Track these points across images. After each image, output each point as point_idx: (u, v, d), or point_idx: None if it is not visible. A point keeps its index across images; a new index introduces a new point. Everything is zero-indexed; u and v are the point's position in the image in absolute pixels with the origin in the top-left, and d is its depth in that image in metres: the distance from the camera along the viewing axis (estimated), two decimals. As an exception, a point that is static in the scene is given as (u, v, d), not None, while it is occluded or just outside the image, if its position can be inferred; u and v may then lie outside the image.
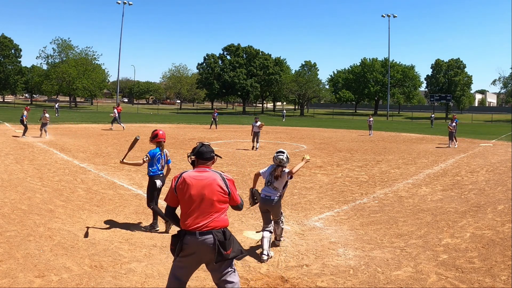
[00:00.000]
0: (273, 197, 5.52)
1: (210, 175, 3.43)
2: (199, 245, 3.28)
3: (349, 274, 4.87)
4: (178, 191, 3.41)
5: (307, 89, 74.03)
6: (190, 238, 3.29)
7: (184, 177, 3.41)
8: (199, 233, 3.28)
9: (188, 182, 3.38)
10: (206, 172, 3.45)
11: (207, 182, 3.38)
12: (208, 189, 3.35)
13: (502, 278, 4.77)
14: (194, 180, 3.38)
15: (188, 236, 3.31)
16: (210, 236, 3.29)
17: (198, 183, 3.37)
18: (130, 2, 62.70)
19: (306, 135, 27.04)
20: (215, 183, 3.38)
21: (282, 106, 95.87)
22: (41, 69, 74.00)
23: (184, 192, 3.38)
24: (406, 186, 10.29)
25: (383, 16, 69.17)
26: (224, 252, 3.28)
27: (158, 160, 6.38)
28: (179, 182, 3.41)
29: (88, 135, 21.68)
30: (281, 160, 5.57)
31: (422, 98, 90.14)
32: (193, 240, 3.28)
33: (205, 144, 3.57)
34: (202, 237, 3.28)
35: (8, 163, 11.91)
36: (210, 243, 3.28)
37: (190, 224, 3.32)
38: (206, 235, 3.29)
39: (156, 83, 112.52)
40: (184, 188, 3.38)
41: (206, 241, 3.28)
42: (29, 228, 6.18)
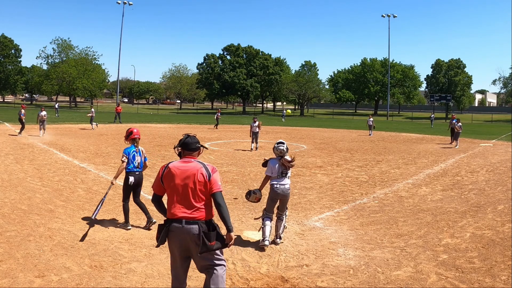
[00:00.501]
0: (287, 186, 5.81)
1: (194, 165, 3.49)
2: (184, 233, 3.35)
3: (349, 274, 4.87)
4: (164, 180, 3.51)
5: (307, 89, 74.02)
6: (176, 226, 3.37)
7: (170, 167, 3.50)
8: (185, 221, 3.36)
9: (172, 172, 3.47)
10: (190, 162, 3.52)
11: (191, 172, 3.44)
12: (191, 178, 3.42)
13: (502, 278, 4.78)
14: (178, 170, 3.46)
15: (174, 223, 3.38)
16: (196, 226, 3.36)
17: (182, 173, 3.44)
18: (130, 2, 62.71)
19: (306, 135, 27.04)
20: (198, 172, 3.43)
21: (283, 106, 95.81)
22: (41, 69, 74.01)
23: (169, 181, 3.47)
24: (406, 186, 10.29)
25: (383, 16, 69.20)
26: (209, 243, 3.32)
27: (133, 157, 6.52)
28: (166, 172, 3.51)
29: (88, 135, 21.68)
30: (282, 150, 5.79)
31: (422, 98, 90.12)
32: (179, 228, 3.35)
33: (190, 136, 3.65)
34: (188, 226, 3.35)
35: (8, 163, 11.91)
36: (195, 233, 3.34)
37: (175, 212, 3.40)
38: (191, 224, 3.36)
39: (156, 83, 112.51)
40: (169, 177, 3.48)
41: (191, 230, 3.34)
42: (29, 228, 6.18)
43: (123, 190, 6.64)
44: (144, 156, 6.70)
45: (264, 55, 79.13)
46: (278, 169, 5.77)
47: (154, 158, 14.21)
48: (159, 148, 17.17)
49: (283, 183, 5.76)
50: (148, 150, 16.27)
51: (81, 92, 70.88)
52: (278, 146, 5.85)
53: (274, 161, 5.84)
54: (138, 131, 6.75)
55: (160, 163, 12.96)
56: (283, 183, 5.76)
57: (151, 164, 12.80)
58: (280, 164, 5.79)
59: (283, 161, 5.79)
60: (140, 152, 6.62)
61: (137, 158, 6.53)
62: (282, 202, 5.85)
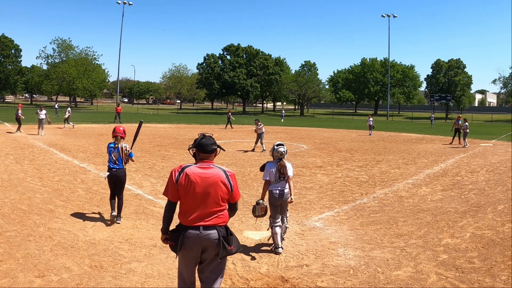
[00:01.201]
0: (287, 190, 5.58)
1: (215, 172, 3.32)
2: (202, 240, 3.22)
3: (349, 274, 4.87)
4: (180, 187, 3.28)
5: (307, 89, 74.03)
6: (193, 232, 3.22)
7: (188, 173, 3.28)
8: (203, 227, 3.23)
9: (192, 180, 3.26)
10: (210, 168, 3.33)
11: (213, 180, 3.28)
12: (214, 187, 3.28)
13: (502, 278, 4.78)
14: (199, 177, 3.27)
15: (190, 230, 3.24)
16: (214, 231, 3.25)
17: (203, 181, 3.27)
18: (130, 2, 62.70)
19: (306, 135, 27.04)
20: (220, 180, 3.30)
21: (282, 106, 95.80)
22: (41, 69, 73.95)
23: (187, 189, 3.26)
24: (406, 186, 10.29)
25: (383, 16, 69.17)
26: (229, 247, 3.27)
27: (109, 152, 6.76)
28: (182, 178, 3.28)
29: (88, 135, 21.68)
30: (282, 152, 5.60)
31: (422, 98, 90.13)
32: (196, 235, 3.22)
33: (206, 136, 3.44)
34: (206, 231, 3.23)
35: (8, 163, 11.91)
36: (214, 238, 3.24)
37: (193, 219, 3.25)
38: (210, 229, 3.24)
39: (156, 83, 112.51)
40: (187, 184, 3.26)
41: (210, 236, 3.23)
42: (29, 228, 6.18)
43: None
44: (128, 152, 6.80)
45: (264, 55, 79.13)
46: (276, 173, 5.54)
47: (154, 158, 14.20)
48: (159, 148, 17.16)
49: (281, 188, 5.55)
50: (148, 150, 16.28)
51: (81, 92, 70.85)
52: (277, 148, 5.65)
53: (272, 164, 5.62)
54: (122, 129, 6.96)
55: (160, 163, 12.96)
56: (281, 188, 5.55)
57: (151, 164, 12.81)
58: (277, 167, 5.56)
59: (281, 165, 5.55)
60: (119, 149, 6.74)
61: (113, 155, 6.71)
62: (282, 206, 5.69)
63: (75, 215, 6.97)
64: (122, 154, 6.75)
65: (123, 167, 6.78)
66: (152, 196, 8.54)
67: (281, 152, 5.61)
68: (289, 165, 5.65)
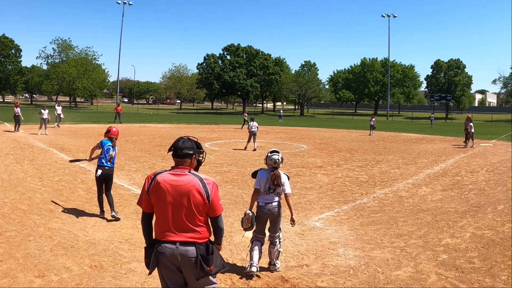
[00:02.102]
0: (275, 204, 4.87)
1: (188, 179, 2.91)
2: (177, 256, 2.87)
3: (349, 274, 4.87)
4: (151, 196, 2.93)
5: (307, 89, 74.03)
6: (168, 248, 2.87)
7: (158, 180, 2.92)
8: (179, 243, 2.87)
9: (162, 187, 2.89)
10: (184, 175, 2.93)
11: (185, 188, 2.88)
12: (187, 197, 2.88)
13: (502, 278, 4.78)
14: (170, 185, 2.89)
15: (165, 244, 2.88)
16: (193, 248, 2.88)
17: (174, 190, 2.88)
18: (130, 2, 62.69)
19: (306, 135, 27.04)
20: (194, 189, 2.89)
21: (282, 106, 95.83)
22: (41, 69, 73.97)
23: (158, 198, 2.91)
24: (406, 186, 10.29)
25: (383, 16, 69.14)
26: (207, 268, 2.89)
27: (107, 151, 6.89)
28: (153, 185, 2.92)
29: (88, 135, 21.67)
30: (276, 160, 4.88)
31: (422, 98, 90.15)
32: (172, 250, 2.87)
33: (184, 138, 3.03)
34: (183, 247, 2.87)
35: (8, 163, 11.91)
36: (191, 256, 2.87)
37: (168, 233, 2.90)
38: (187, 246, 2.87)
39: (156, 83, 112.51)
40: (158, 193, 2.91)
41: (187, 253, 2.87)
42: (29, 228, 6.18)
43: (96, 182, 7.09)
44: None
45: (264, 55, 79.16)
46: (266, 183, 4.82)
47: (154, 158, 14.21)
48: (159, 148, 17.16)
49: (269, 201, 4.82)
50: (148, 150, 16.28)
51: (81, 92, 70.85)
52: (271, 155, 4.90)
53: (264, 173, 4.89)
54: (116, 131, 7.11)
55: (160, 163, 12.96)
56: (269, 201, 4.82)
57: (151, 164, 12.82)
58: (269, 177, 4.82)
59: (274, 175, 4.81)
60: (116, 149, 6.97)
61: (110, 153, 6.86)
62: (272, 223, 4.93)
63: (75, 215, 6.97)
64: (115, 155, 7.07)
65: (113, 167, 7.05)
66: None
67: (274, 160, 4.87)
68: (284, 177, 4.89)
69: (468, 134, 21.23)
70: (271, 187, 4.82)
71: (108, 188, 7.00)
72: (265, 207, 4.83)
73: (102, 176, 6.88)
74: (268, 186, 4.82)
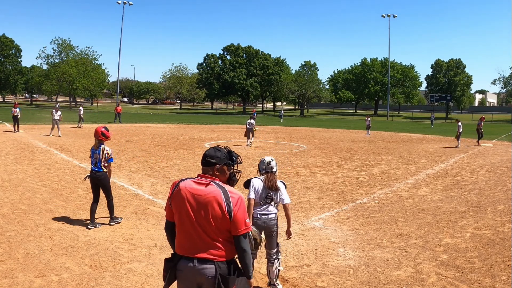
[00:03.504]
0: (272, 216, 4.38)
1: (211, 190, 2.66)
2: (195, 274, 2.64)
3: (349, 274, 4.87)
4: (173, 203, 2.74)
5: (307, 89, 74.03)
6: (186, 265, 2.66)
7: (180, 187, 2.72)
8: (197, 260, 2.64)
9: (182, 195, 2.69)
10: (208, 184, 2.69)
11: (205, 199, 2.64)
12: (206, 209, 2.63)
13: (502, 278, 4.78)
14: (190, 194, 2.68)
15: (183, 260, 2.68)
16: (212, 266, 2.62)
17: (194, 199, 2.66)
18: (130, 2, 62.69)
19: (306, 135, 27.04)
20: (214, 200, 2.63)
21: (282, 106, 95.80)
22: (41, 69, 73.97)
23: (178, 207, 2.70)
24: (406, 186, 10.29)
25: (383, 16, 69.13)
26: None
27: (91, 155, 6.56)
28: (175, 192, 2.74)
29: (88, 135, 21.66)
30: (270, 161, 4.49)
31: (422, 98, 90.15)
32: (189, 268, 2.65)
33: (216, 147, 2.82)
34: (201, 265, 2.63)
35: (8, 163, 11.90)
36: (210, 275, 2.62)
37: (186, 248, 2.68)
38: (206, 263, 2.63)
39: (156, 83, 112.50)
40: (178, 201, 2.70)
41: (205, 271, 2.62)
42: (29, 228, 6.18)
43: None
44: (109, 157, 6.49)
45: (264, 55, 79.17)
46: (263, 192, 4.35)
47: (154, 158, 14.21)
48: (159, 148, 17.16)
49: (265, 213, 4.34)
50: (148, 150, 16.27)
51: (81, 92, 70.85)
52: (264, 159, 4.52)
53: (259, 180, 4.42)
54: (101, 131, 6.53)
55: (160, 163, 12.96)
56: (265, 213, 4.34)
57: (151, 164, 12.81)
58: (265, 184, 4.36)
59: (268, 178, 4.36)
60: (100, 151, 6.45)
61: (95, 156, 6.48)
62: (268, 238, 4.43)
63: (75, 215, 6.97)
64: (102, 157, 6.44)
65: (102, 170, 6.45)
66: (152, 196, 8.54)
67: (268, 161, 4.47)
68: (281, 185, 4.44)
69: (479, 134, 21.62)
70: (268, 196, 4.36)
71: (106, 194, 6.54)
72: (260, 219, 4.32)
73: (91, 181, 6.52)
74: (265, 194, 4.36)
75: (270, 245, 4.47)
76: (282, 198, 4.39)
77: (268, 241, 4.46)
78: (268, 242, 4.46)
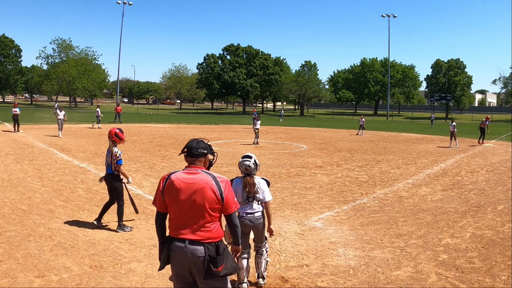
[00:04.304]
0: (258, 214, 4.42)
1: (201, 177, 2.99)
2: (186, 254, 2.92)
3: (349, 274, 4.87)
4: (166, 195, 3.00)
5: (307, 89, 74.04)
6: (178, 245, 2.94)
7: (172, 179, 3.00)
8: (188, 241, 2.92)
9: (176, 186, 2.97)
10: (197, 173, 3.02)
11: (198, 186, 2.95)
12: (199, 194, 2.93)
13: (502, 278, 4.78)
14: (183, 183, 2.97)
15: (176, 242, 2.96)
16: (201, 247, 2.91)
17: (187, 187, 2.95)
18: (130, 2, 62.70)
19: (306, 135, 27.04)
20: (207, 187, 2.95)
21: (282, 106, 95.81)
22: (41, 69, 73.96)
23: (172, 197, 2.98)
24: (406, 186, 10.29)
25: (383, 16, 69.15)
26: (215, 269, 2.88)
27: (106, 156, 6.46)
28: (167, 185, 3.01)
29: (88, 135, 21.68)
30: (247, 166, 4.46)
31: (422, 98, 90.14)
32: (181, 248, 2.93)
33: (197, 139, 3.20)
34: (192, 246, 2.91)
35: (8, 163, 11.91)
36: (200, 256, 2.90)
37: (179, 230, 2.97)
38: (196, 245, 2.91)
39: (156, 83, 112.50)
40: (172, 192, 2.98)
41: (195, 252, 2.91)
42: (29, 228, 6.18)
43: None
44: (118, 159, 6.24)
45: (264, 55, 79.16)
46: (242, 192, 4.39)
47: (154, 158, 14.21)
48: (159, 148, 17.16)
49: (250, 211, 4.37)
50: (148, 150, 16.27)
51: (81, 92, 70.85)
52: (242, 161, 4.49)
53: (239, 181, 4.46)
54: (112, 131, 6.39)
55: (160, 163, 12.96)
56: (250, 211, 4.37)
57: (151, 164, 12.81)
58: (243, 184, 4.40)
59: (245, 182, 4.38)
60: (109, 153, 6.34)
61: (107, 159, 6.40)
62: (256, 234, 4.52)
63: (75, 215, 6.97)
64: (112, 159, 6.27)
65: (112, 172, 6.30)
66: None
67: (246, 166, 4.45)
68: (263, 183, 4.49)
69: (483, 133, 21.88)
70: (249, 196, 4.38)
71: (117, 199, 6.38)
72: (245, 218, 4.33)
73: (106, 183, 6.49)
74: (246, 194, 4.38)
75: (259, 240, 4.59)
76: (264, 196, 4.44)
77: (257, 237, 4.57)
78: (257, 237, 4.57)
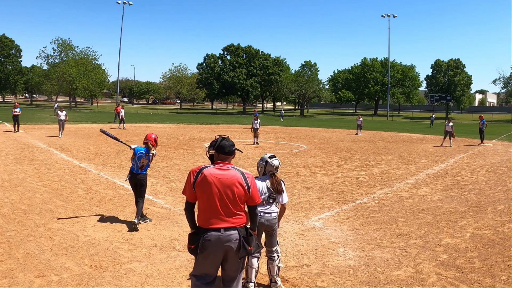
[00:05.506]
0: (275, 215, 4.45)
1: (233, 173, 3.33)
2: (222, 241, 3.25)
3: (349, 274, 4.87)
4: (197, 188, 3.30)
5: (307, 89, 74.03)
6: (214, 234, 3.24)
7: (205, 174, 3.30)
8: (224, 229, 3.26)
9: (209, 180, 3.27)
10: (228, 170, 3.34)
11: (230, 181, 3.29)
12: (231, 188, 3.28)
13: (502, 278, 4.78)
14: (216, 178, 3.29)
15: (211, 232, 3.25)
16: (235, 232, 3.29)
17: (220, 182, 3.28)
18: (130, 2, 62.70)
19: (306, 135, 27.04)
20: (237, 181, 3.30)
21: (282, 106, 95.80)
22: (41, 69, 73.94)
23: (204, 190, 3.28)
24: (406, 186, 10.29)
25: (383, 16, 69.21)
26: (249, 247, 3.32)
27: (138, 158, 6.65)
28: (199, 179, 3.30)
29: (88, 135, 21.68)
30: (278, 165, 4.49)
31: (422, 98, 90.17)
32: (217, 236, 3.24)
33: (225, 138, 3.45)
34: (227, 232, 3.26)
35: (8, 163, 11.91)
36: (235, 239, 3.28)
37: (213, 221, 3.27)
38: (230, 230, 3.28)
39: (156, 83, 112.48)
40: (204, 185, 3.28)
41: (231, 236, 3.27)
42: (29, 228, 6.18)
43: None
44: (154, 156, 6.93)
45: (263, 55, 79.14)
46: (267, 192, 4.38)
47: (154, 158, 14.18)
48: (159, 148, 17.14)
49: (268, 211, 4.39)
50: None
51: (81, 92, 70.83)
52: (271, 161, 4.44)
53: (261, 181, 4.40)
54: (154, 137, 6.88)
55: (160, 163, 12.96)
56: (268, 211, 4.39)
57: (151, 164, 12.79)
58: (270, 185, 4.39)
59: (276, 182, 4.41)
60: (149, 157, 6.75)
61: (142, 161, 6.63)
62: (269, 235, 4.49)
63: (75, 215, 6.97)
64: (150, 161, 6.83)
65: (145, 173, 6.79)
66: (152, 196, 8.53)
67: (276, 165, 4.46)
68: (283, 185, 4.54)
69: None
70: (271, 196, 4.40)
71: (140, 194, 6.67)
72: (263, 217, 4.35)
73: (131, 181, 6.68)
74: (269, 194, 4.39)
75: (271, 243, 4.54)
76: (282, 198, 4.50)
77: (269, 239, 4.52)
78: (269, 240, 4.53)
